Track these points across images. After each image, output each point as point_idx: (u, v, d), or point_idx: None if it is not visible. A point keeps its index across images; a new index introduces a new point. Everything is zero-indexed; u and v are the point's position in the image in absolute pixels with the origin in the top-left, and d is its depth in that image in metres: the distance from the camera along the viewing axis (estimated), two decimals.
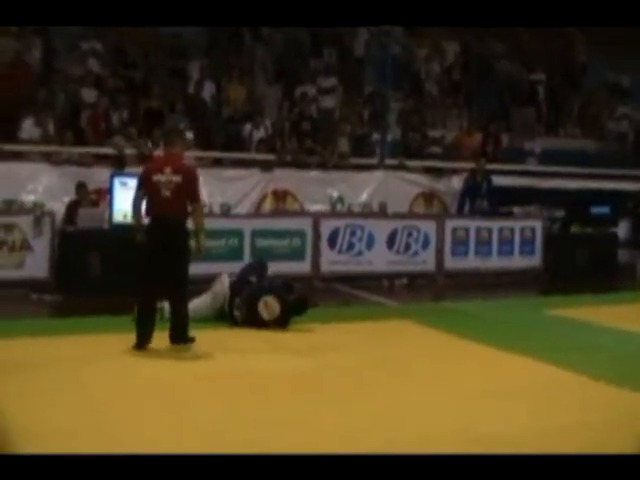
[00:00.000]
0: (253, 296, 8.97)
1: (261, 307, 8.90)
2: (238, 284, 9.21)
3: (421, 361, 7.91)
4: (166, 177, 7.63)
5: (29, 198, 11.52)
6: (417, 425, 5.87)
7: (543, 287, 13.31)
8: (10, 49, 13.68)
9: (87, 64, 14.51)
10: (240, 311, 8.99)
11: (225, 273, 9.44)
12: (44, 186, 11.77)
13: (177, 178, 7.63)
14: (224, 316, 9.04)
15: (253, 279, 9.36)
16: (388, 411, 6.16)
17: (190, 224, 7.83)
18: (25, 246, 10.54)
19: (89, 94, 13.76)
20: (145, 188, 7.77)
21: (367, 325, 9.49)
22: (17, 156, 12.20)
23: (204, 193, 10.77)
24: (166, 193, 7.61)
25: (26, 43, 13.91)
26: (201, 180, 8.36)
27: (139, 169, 11.90)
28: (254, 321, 8.87)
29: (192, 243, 7.81)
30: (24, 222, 10.60)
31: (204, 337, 7.97)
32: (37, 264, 10.55)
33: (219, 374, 7.07)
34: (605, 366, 7.75)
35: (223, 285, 9.16)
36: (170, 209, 7.61)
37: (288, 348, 8.12)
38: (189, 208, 7.75)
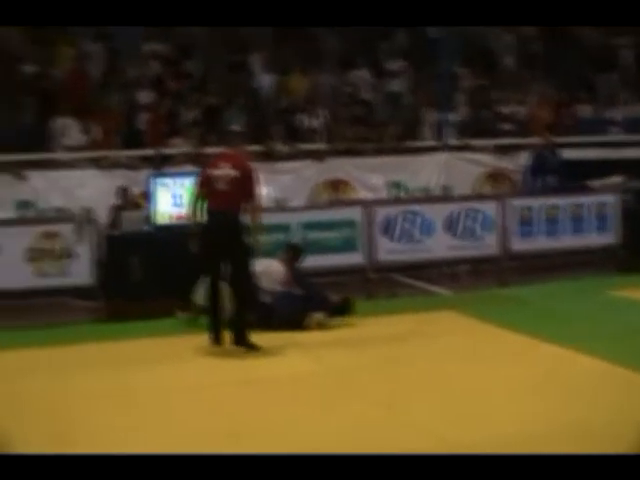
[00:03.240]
0: (302, 309, 8.84)
1: (308, 322, 8.75)
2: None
3: (442, 356, 7.46)
4: (222, 171, 7.84)
5: (79, 204, 11.43)
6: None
7: (621, 265, 12.41)
8: (68, 57, 13.76)
9: (148, 66, 14.45)
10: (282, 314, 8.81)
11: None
12: (92, 192, 11.72)
13: (233, 172, 7.81)
14: None
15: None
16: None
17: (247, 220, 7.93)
18: (67, 253, 10.47)
19: (149, 96, 13.69)
20: (202, 184, 7.96)
21: (406, 318, 9.06)
22: (64, 164, 12.24)
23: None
24: (222, 186, 7.78)
25: (84, 50, 13.96)
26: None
27: (184, 169, 12.04)
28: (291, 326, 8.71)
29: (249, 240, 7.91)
30: (66, 229, 10.54)
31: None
32: (80, 271, 10.45)
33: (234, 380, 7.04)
34: None
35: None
36: (226, 202, 7.77)
37: (300, 347, 7.91)
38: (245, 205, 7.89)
